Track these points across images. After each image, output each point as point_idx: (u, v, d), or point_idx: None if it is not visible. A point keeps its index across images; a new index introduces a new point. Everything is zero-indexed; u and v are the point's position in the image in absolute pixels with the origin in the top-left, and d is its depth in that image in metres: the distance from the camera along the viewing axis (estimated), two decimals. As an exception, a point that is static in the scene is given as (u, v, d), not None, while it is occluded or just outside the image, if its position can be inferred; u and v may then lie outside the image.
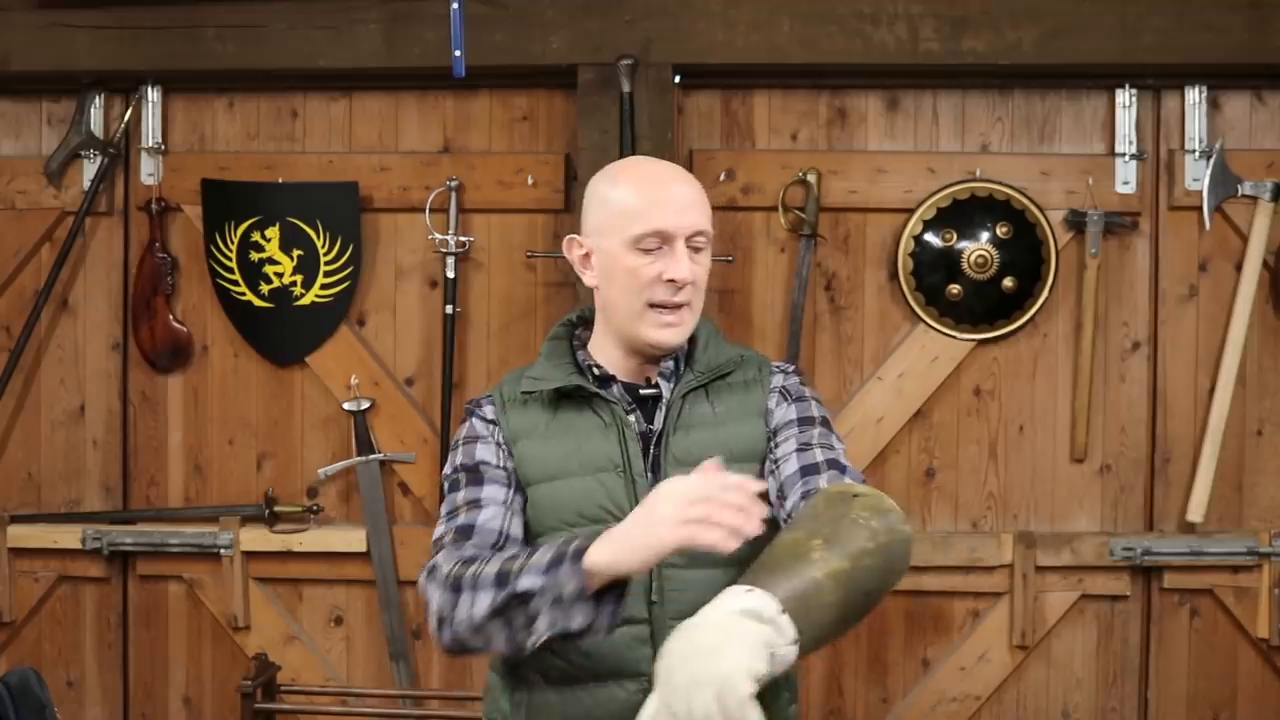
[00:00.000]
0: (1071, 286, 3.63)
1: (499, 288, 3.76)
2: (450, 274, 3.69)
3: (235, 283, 3.75)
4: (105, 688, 3.87)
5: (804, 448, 1.97)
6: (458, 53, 3.42)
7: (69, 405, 3.87)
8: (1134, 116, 3.60)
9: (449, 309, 3.69)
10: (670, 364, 2.06)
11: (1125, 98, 3.59)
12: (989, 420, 3.68)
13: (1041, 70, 3.56)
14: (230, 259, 3.74)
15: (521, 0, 3.54)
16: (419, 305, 3.78)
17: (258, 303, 3.75)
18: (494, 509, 1.97)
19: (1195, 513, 3.57)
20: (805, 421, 2.02)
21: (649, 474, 1.98)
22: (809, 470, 1.93)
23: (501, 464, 2.01)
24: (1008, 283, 3.60)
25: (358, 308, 3.79)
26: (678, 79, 3.57)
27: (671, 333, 1.99)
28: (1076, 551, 3.59)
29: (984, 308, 3.63)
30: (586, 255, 2.06)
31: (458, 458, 2.04)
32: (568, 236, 2.10)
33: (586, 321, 2.13)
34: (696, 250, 1.99)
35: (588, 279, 2.06)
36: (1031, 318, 3.63)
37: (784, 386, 2.06)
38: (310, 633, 3.81)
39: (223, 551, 3.73)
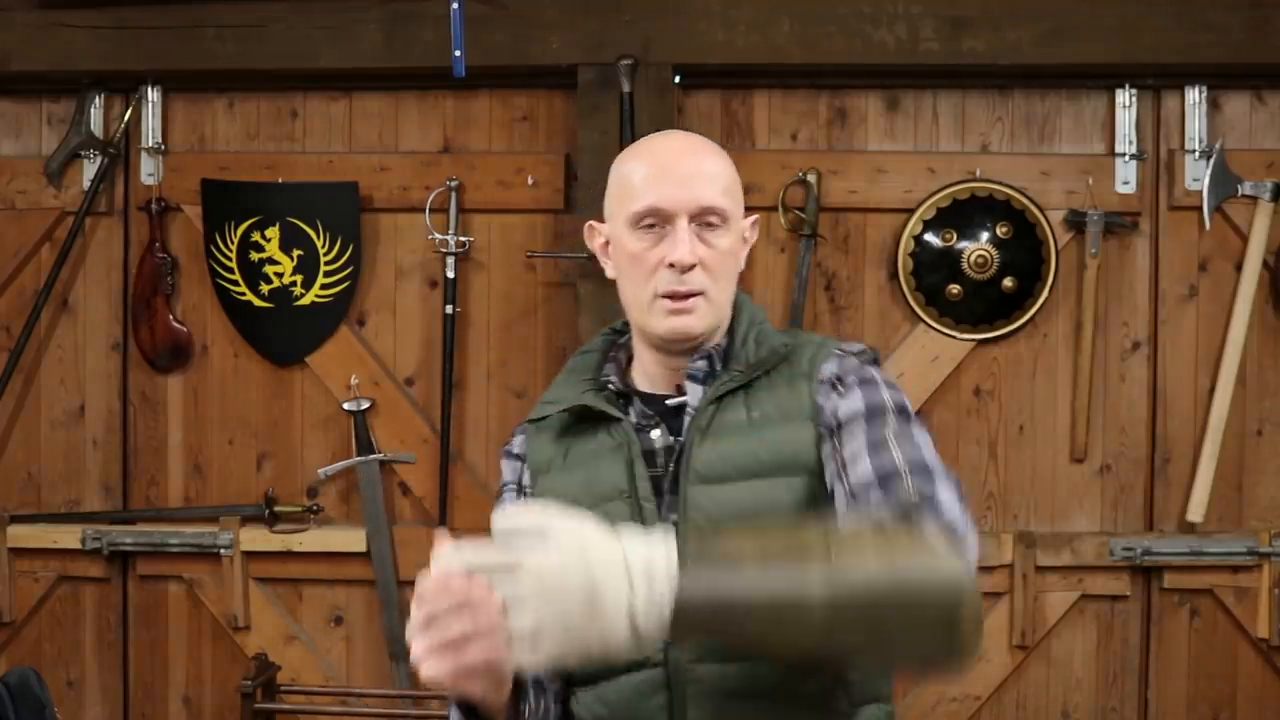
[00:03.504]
0: (1071, 286, 3.63)
1: (499, 288, 3.76)
2: (450, 274, 3.69)
3: (235, 283, 3.75)
4: (105, 688, 3.87)
5: (876, 445, 1.65)
6: (458, 53, 3.42)
7: (69, 405, 3.87)
8: (1134, 116, 3.59)
9: (449, 309, 3.69)
10: (702, 363, 1.77)
11: (1125, 98, 3.59)
12: (989, 420, 3.68)
13: (1041, 70, 3.56)
14: (230, 259, 3.74)
15: (521, 0, 3.54)
16: (419, 305, 3.78)
17: (258, 303, 3.75)
18: None
19: (1195, 513, 3.57)
20: (873, 412, 1.69)
21: (668, 494, 1.71)
22: (887, 477, 1.60)
23: None
24: (1008, 283, 3.60)
25: (358, 308, 3.79)
26: (678, 79, 3.57)
27: (679, 322, 1.72)
28: (1076, 551, 3.59)
29: (984, 308, 3.63)
30: (606, 243, 1.82)
31: (495, 507, 1.81)
32: (588, 223, 1.87)
33: None
34: (709, 228, 1.74)
35: (608, 270, 1.82)
36: (1031, 318, 3.63)
37: (836, 375, 1.73)
38: (310, 633, 3.81)
39: (223, 551, 3.73)
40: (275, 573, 3.78)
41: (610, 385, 1.80)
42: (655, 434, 1.75)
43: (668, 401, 1.77)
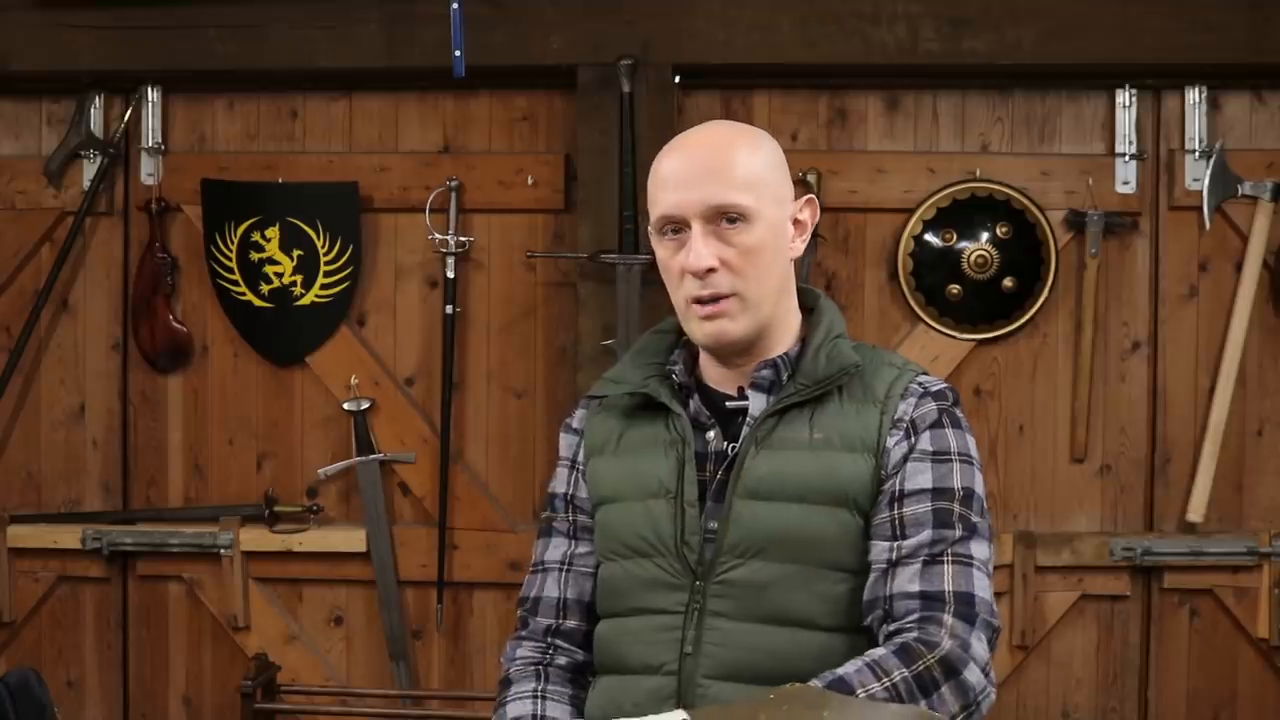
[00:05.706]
0: (1071, 286, 3.63)
1: (499, 288, 3.76)
2: (450, 274, 3.69)
3: (235, 283, 3.75)
4: (105, 688, 3.87)
5: (934, 558, 1.61)
6: (458, 53, 3.42)
7: (69, 405, 3.87)
8: (1134, 116, 3.59)
9: (449, 309, 3.69)
10: (769, 371, 1.73)
11: (1125, 98, 3.59)
12: (989, 420, 3.68)
13: (1041, 70, 3.56)
14: (230, 259, 3.74)
15: (521, 0, 3.54)
16: (419, 305, 3.78)
17: (258, 303, 3.75)
18: (553, 576, 1.83)
19: (1195, 513, 3.57)
20: (940, 495, 1.64)
21: (711, 501, 1.70)
22: (930, 599, 1.58)
23: (569, 495, 1.84)
24: (1008, 283, 3.60)
25: (358, 308, 3.79)
26: (678, 79, 3.57)
27: (712, 327, 1.68)
28: (1076, 551, 3.59)
29: (984, 308, 3.63)
30: None
31: (550, 480, 1.90)
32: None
33: None
34: (729, 225, 1.66)
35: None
36: (1031, 318, 3.63)
37: (913, 418, 1.68)
38: (310, 633, 3.81)
39: (223, 551, 3.73)
40: (275, 573, 3.78)
41: (674, 375, 1.76)
42: (710, 435, 1.73)
43: (727, 404, 1.74)
